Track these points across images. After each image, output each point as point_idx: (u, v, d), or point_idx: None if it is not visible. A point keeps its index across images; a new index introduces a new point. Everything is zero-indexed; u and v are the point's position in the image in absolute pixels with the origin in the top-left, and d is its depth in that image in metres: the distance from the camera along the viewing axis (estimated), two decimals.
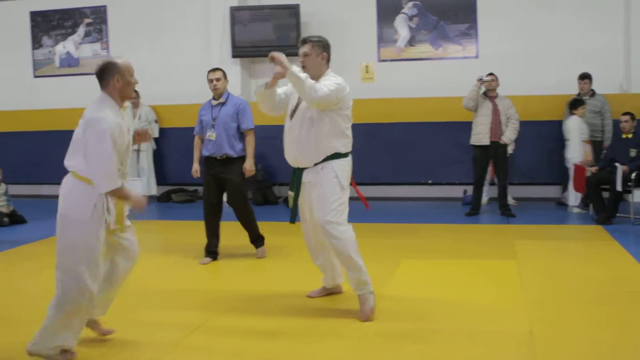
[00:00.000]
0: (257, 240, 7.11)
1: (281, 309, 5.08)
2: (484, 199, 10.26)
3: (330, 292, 5.45)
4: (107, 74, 4.13)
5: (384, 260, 6.59)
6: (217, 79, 6.82)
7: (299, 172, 4.99)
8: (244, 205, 6.98)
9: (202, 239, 6.96)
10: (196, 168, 7.05)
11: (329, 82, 4.79)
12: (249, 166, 6.82)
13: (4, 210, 9.47)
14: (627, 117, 9.14)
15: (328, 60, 5.02)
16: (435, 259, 6.74)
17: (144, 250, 4.61)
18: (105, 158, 3.93)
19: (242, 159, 6.86)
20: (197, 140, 7.04)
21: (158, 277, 6.22)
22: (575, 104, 9.63)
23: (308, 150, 4.86)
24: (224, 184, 6.84)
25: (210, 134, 6.77)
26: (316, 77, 4.88)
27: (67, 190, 4.09)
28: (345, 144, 4.93)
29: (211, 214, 6.92)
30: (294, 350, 4.25)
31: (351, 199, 4.92)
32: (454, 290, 5.56)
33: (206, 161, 6.89)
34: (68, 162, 4.15)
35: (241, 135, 6.85)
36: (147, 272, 4.78)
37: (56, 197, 4.15)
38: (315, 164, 4.88)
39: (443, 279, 5.97)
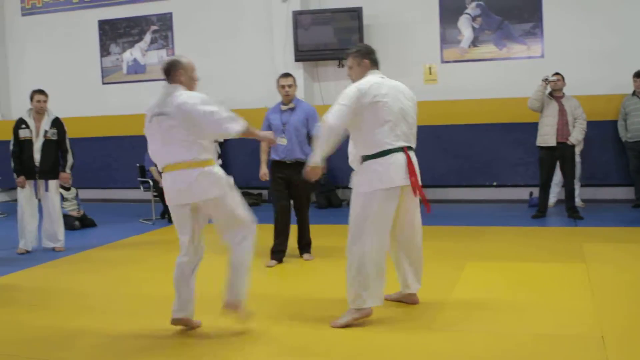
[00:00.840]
0: (308, 245, 7.20)
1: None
2: (552, 200, 10.09)
3: (403, 299, 5.30)
4: (172, 69, 4.59)
5: (448, 264, 6.55)
6: (289, 85, 6.95)
7: None
8: (307, 208, 7.13)
9: (268, 242, 7.01)
10: (265, 171, 7.12)
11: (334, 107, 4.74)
12: None
13: (75, 214, 9.74)
14: None
15: (372, 63, 4.99)
16: (501, 262, 6.65)
17: (210, 253, 4.73)
18: (220, 108, 4.42)
19: None
20: (264, 144, 7.08)
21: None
22: None
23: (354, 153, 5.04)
24: (293, 186, 6.93)
25: (281, 139, 6.84)
26: None
27: (193, 179, 4.46)
28: (372, 144, 4.75)
29: (282, 216, 7.01)
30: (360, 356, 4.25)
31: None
32: (521, 294, 5.47)
33: (276, 165, 6.99)
34: (174, 158, 4.48)
35: (309, 139, 6.89)
36: (211, 274, 4.87)
37: (123, 201, 4.31)
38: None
39: (509, 283, 5.88)
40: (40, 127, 7.93)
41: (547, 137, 9.15)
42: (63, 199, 9.61)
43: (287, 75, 7.04)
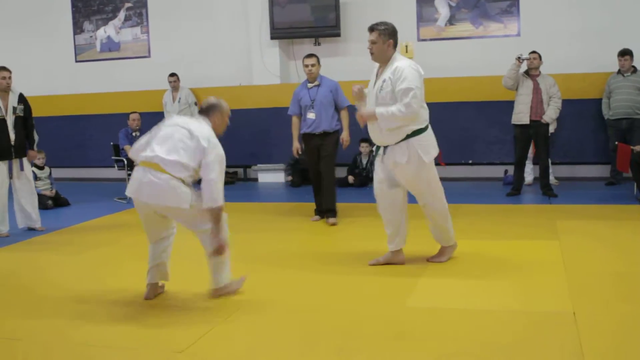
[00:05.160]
0: (331, 211, 7.82)
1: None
2: (529, 178, 10.17)
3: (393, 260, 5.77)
4: (212, 110, 4.90)
5: (423, 241, 6.53)
6: (312, 65, 7.73)
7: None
8: (332, 173, 7.90)
9: (243, 220, 7.48)
10: (297, 146, 8.00)
11: (406, 87, 5.15)
12: (347, 137, 7.79)
13: (48, 193, 9.63)
14: None
15: (394, 45, 5.36)
16: (476, 240, 6.67)
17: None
18: (222, 178, 4.62)
19: (336, 132, 7.83)
20: (295, 120, 7.95)
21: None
22: None
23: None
24: (320, 152, 7.76)
25: (311, 114, 7.71)
26: (384, 61, 5.34)
27: (169, 187, 4.55)
28: (421, 119, 5.36)
29: (317, 181, 7.93)
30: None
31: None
32: (495, 271, 5.49)
33: (306, 137, 7.84)
34: (168, 157, 4.57)
35: (334, 112, 7.79)
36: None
37: (97, 180, 4.32)
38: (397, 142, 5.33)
39: (483, 260, 5.89)
40: (7, 104, 7.76)
41: (521, 115, 9.18)
42: (36, 178, 9.47)
43: (310, 55, 7.82)
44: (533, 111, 9.09)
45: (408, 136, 5.29)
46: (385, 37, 5.30)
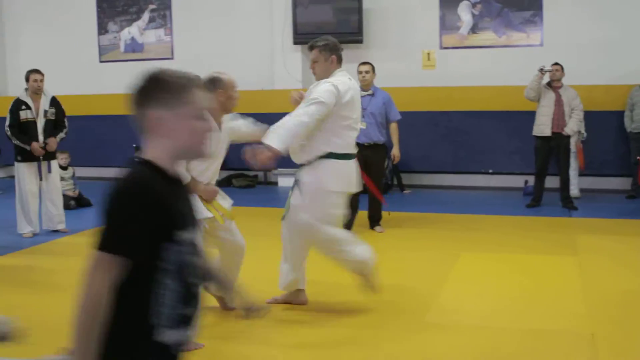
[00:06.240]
0: (379, 219, 7.90)
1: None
2: (575, 191, 10.15)
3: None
4: (211, 87, 4.36)
5: (444, 253, 6.59)
6: (367, 72, 7.73)
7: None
8: (381, 184, 7.90)
9: (265, 223, 7.22)
10: None
11: (315, 97, 4.65)
12: (397, 152, 7.93)
13: (71, 194, 9.69)
14: None
15: (339, 60, 4.98)
16: (495, 253, 6.69)
17: None
18: None
19: (384, 145, 7.85)
20: None
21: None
22: None
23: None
24: (369, 166, 7.33)
25: (362, 123, 7.28)
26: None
27: None
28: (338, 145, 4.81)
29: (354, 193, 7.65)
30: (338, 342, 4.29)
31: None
32: (513, 288, 5.51)
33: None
34: None
35: (384, 124, 7.79)
36: None
37: None
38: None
39: (501, 275, 5.92)
40: (39, 107, 7.83)
41: (542, 126, 9.16)
42: (60, 178, 9.57)
43: (365, 63, 7.85)
44: (555, 123, 9.07)
45: (319, 158, 4.77)
46: (326, 53, 4.91)
